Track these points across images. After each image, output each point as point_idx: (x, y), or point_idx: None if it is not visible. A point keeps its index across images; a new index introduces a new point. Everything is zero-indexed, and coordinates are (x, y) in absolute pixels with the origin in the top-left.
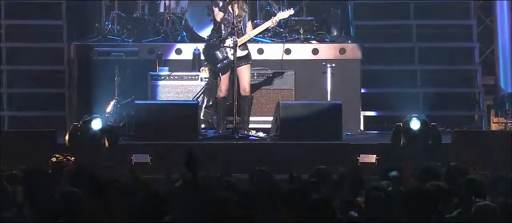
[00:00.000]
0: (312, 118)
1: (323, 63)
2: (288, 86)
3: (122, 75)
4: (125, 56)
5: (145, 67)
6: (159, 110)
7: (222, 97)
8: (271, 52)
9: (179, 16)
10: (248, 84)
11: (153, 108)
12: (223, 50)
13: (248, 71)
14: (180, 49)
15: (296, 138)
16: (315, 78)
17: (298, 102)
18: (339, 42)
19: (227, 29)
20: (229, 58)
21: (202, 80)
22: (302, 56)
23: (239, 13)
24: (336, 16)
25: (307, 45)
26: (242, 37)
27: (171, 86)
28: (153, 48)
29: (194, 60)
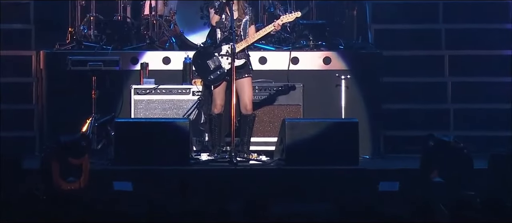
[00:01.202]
0: (324, 139)
1: (336, 74)
2: (295, 101)
3: (100, 88)
4: (103, 66)
5: (128, 79)
6: (143, 130)
7: (217, 114)
8: (275, 62)
9: (168, 19)
10: (250, 101)
11: (137, 128)
12: (216, 58)
13: (250, 85)
14: (168, 58)
15: (305, 163)
16: (327, 92)
17: (307, 120)
18: (355, 50)
19: (224, 34)
20: (223, 69)
21: (194, 94)
22: (311, 66)
23: (239, 16)
24: (351, 18)
25: (317, 54)
26: (238, 44)
27: (158, 102)
28: (137, 57)
29: (184, 70)
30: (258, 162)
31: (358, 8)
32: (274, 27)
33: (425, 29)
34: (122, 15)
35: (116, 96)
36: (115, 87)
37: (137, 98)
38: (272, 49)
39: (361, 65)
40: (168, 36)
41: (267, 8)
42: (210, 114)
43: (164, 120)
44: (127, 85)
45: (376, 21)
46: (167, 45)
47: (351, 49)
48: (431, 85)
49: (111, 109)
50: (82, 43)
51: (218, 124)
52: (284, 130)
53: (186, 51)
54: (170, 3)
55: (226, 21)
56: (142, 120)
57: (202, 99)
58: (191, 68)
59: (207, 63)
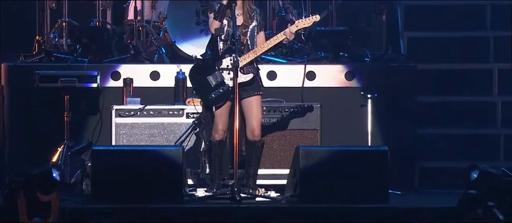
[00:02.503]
0: (346, 171)
1: (361, 92)
2: (311, 125)
3: (74, 110)
4: (78, 83)
5: (108, 98)
6: (126, 160)
7: (219, 141)
8: (287, 77)
9: (156, 25)
10: (258, 124)
11: (118, 157)
12: (219, 74)
13: (258, 105)
14: (157, 72)
15: (323, 200)
16: (350, 114)
17: (326, 149)
18: (384, 63)
19: (226, 44)
20: (227, 86)
21: (189, 116)
22: (331, 83)
23: (245, 21)
24: (379, 24)
25: (338, 67)
26: (245, 55)
27: (145, 126)
28: (119, 71)
29: (177, 88)
30: (266, 199)
31: (387, 11)
32: (286, 35)
33: (469, 38)
34: (101, 20)
35: (94, 119)
36: (92, 108)
37: (119, 122)
38: (283, 62)
39: (391, 82)
40: (156, 46)
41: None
42: (210, 140)
43: (152, 148)
44: (107, 105)
45: (410, 28)
46: (155, 57)
47: (380, 61)
48: (477, 106)
49: (87, 135)
50: (52, 54)
51: (219, 152)
52: (298, 160)
53: (178, 64)
54: (159, 6)
55: (229, 27)
56: (125, 147)
57: (199, 122)
58: (184, 85)
59: (207, 80)
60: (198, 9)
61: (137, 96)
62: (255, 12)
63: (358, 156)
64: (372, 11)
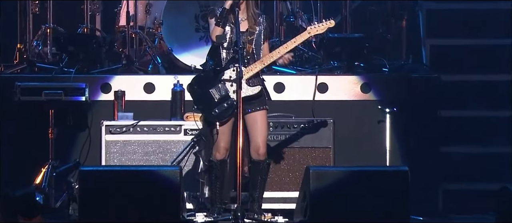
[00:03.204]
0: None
1: (378, 106)
2: (323, 143)
3: (60, 125)
4: (64, 96)
5: (97, 113)
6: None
7: (220, 160)
8: (296, 89)
9: (151, 31)
10: (264, 142)
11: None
12: (222, 86)
13: (264, 121)
14: (152, 84)
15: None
16: (366, 131)
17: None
18: (404, 73)
19: (229, 53)
20: (232, 100)
21: (187, 133)
22: (345, 96)
23: (250, 27)
24: (399, 31)
25: (353, 78)
26: (251, 66)
27: (138, 144)
28: (110, 83)
29: (174, 101)
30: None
31: (408, 16)
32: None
33: (499, 46)
34: (90, 26)
35: (81, 137)
36: (79, 124)
37: (109, 139)
38: (291, 72)
39: (412, 95)
40: (151, 55)
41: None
42: (211, 160)
43: (147, 168)
44: (96, 121)
45: (433, 35)
46: (150, 67)
47: (399, 72)
48: (507, 123)
49: (74, 154)
50: (35, 64)
51: (220, 173)
52: (308, 182)
53: (176, 75)
54: (154, 10)
55: (232, 34)
56: (116, 168)
57: (198, 140)
58: (182, 98)
59: (209, 93)
60: (197, 14)
61: (130, 110)
62: (261, 17)
63: (375, 177)
64: (390, 16)
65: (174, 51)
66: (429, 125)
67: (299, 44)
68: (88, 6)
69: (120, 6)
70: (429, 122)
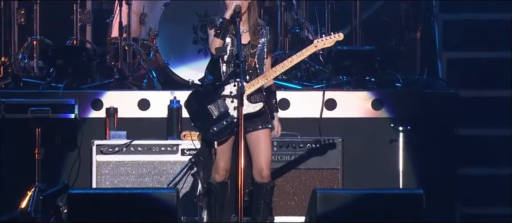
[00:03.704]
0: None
1: (391, 124)
2: (331, 164)
3: (47, 145)
4: (52, 113)
5: (87, 131)
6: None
7: (220, 182)
8: (302, 106)
9: (146, 44)
10: (267, 164)
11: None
12: (222, 103)
13: (268, 140)
14: (146, 100)
15: None
16: (377, 150)
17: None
18: (418, 89)
19: (230, 66)
20: (232, 117)
21: (184, 153)
22: (355, 113)
23: (252, 40)
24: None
25: (363, 94)
26: (253, 81)
27: (132, 165)
28: (101, 100)
29: (170, 119)
30: None
31: (423, 28)
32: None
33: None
34: (79, 38)
35: (70, 157)
36: (68, 144)
37: (101, 160)
38: (297, 87)
39: (427, 112)
40: (146, 69)
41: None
42: (210, 182)
43: (141, 191)
44: (87, 140)
45: (450, 47)
46: (145, 82)
47: (413, 87)
48: None
49: (62, 175)
50: (21, 79)
51: (220, 196)
52: (315, 205)
53: (172, 91)
54: (149, 21)
55: (232, 47)
56: (107, 191)
57: (196, 161)
58: (179, 115)
59: (208, 110)
60: (195, 24)
61: (123, 129)
62: (264, 28)
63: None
64: (404, 28)
65: (170, 65)
66: (446, 144)
67: (305, 58)
68: (78, 16)
69: (112, 17)
70: (445, 141)
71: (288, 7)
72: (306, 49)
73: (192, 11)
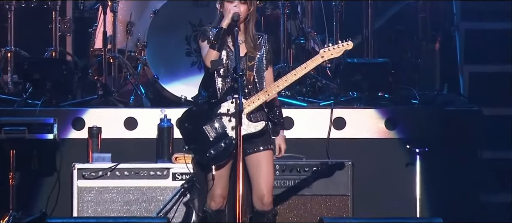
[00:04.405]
0: None
1: (407, 145)
2: (340, 190)
3: (23, 169)
4: (28, 133)
5: (67, 154)
6: None
7: (216, 210)
8: (307, 126)
9: (133, 55)
10: (269, 189)
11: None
12: (219, 123)
13: (270, 163)
14: (133, 119)
15: None
16: (391, 175)
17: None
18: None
19: (226, 82)
20: (230, 138)
21: (176, 178)
22: (366, 133)
23: (249, 51)
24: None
25: (375, 112)
26: (253, 97)
27: (117, 191)
28: (83, 118)
29: (161, 140)
30: None
31: (442, 38)
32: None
33: None
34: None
35: (49, 182)
36: (47, 168)
37: (82, 185)
38: (302, 105)
39: (447, 132)
40: (133, 84)
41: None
42: (205, 210)
43: (127, 220)
44: (67, 163)
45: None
46: (132, 99)
47: (432, 104)
48: None
49: (40, 203)
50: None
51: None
52: None
53: (163, 109)
54: (137, 30)
55: (229, 60)
56: (90, 220)
57: (190, 186)
58: (170, 136)
59: (203, 131)
60: (188, 35)
61: (107, 151)
62: (262, 38)
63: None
64: (421, 38)
65: (160, 80)
66: (468, 168)
67: (310, 70)
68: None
69: (95, 25)
70: (467, 164)
71: (292, 15)
72: (311, 60)
73: (184, 19)
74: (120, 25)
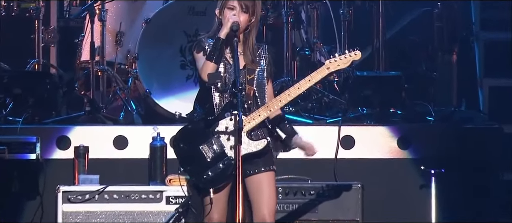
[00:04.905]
0: None
1: (421, 166)
2: (348, 214)
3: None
4: (8, 153)
5: (52, 175)
6: None
7: None
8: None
9: (123, 68)
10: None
11: None
12: (216, 141)
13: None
14: (124, 138)
15: None
16: (405, 198)
17: None
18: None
19: (224, 97)
20: (229, 158)
21: (170, 202)
22: (377, 153)
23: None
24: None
25: (387, 130)
26: (253, 114)
27: (106, 215)
28: (69, 137)
29: (153, 160)
30: None
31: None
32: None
33: None
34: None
35: (31, 206)
36: (29, 190)
37: (68, 210)
38: (307, 122)
39: (465, 151)
40: (123, 100)
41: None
42: None
43: None
44: (51, 186)
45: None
46: (122, 115)
47: (448, 122)
48: None
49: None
50: None
51: None
52: None
53: (155, 126)
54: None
55: (227, 73)
56: None
57: (185, 210)
58: (164, 156)
59: (200, 150)
60: (183, 45)
61: (95, 172)
62: (262, 48)
63: None
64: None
65: (153, 95)
66: (488, 191)
67: (316, 84)
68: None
69: (82, 36)
70: (488, 186)
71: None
72: (316, 72)
73: (179, 29)
74: (109, 35)
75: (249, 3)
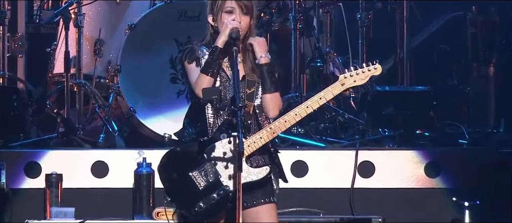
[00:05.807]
0: None
1: (453, 197)
2: None
3: None
4: None
5: (20, 207)
6: None
7: None
8: (326, 172)
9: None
10: None
11: None
12: (210, 168)
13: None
14: (104, 163)
15: None
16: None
17: None
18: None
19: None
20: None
21: None
22: (402, 182)
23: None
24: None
25: (413, 155)
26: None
27: None
28: (39, 163)
29: (138, 190)
30: None
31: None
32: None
33: None
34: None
35: None
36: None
37: None
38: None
39: (504, 180)
40: (103, 119)
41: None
42: None
43: None
44: (19, 219)
45: None
46: (101, 138)
47: (485, 145)
48: None
49: None
50: None
51: None
52: None
53: (140, 151)
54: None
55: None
56: None
57: None
58: (150, 185)
59: (190, 179)
60: (173, 55)
61: (71, 204)
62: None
63: None
64: (471, 60)
65: (138, 113)
66: None
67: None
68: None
69: (55, 44)
70: None
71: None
72: (329, 88)
73: (168, 36)
74: (87, 43)
75: (249, 3)
